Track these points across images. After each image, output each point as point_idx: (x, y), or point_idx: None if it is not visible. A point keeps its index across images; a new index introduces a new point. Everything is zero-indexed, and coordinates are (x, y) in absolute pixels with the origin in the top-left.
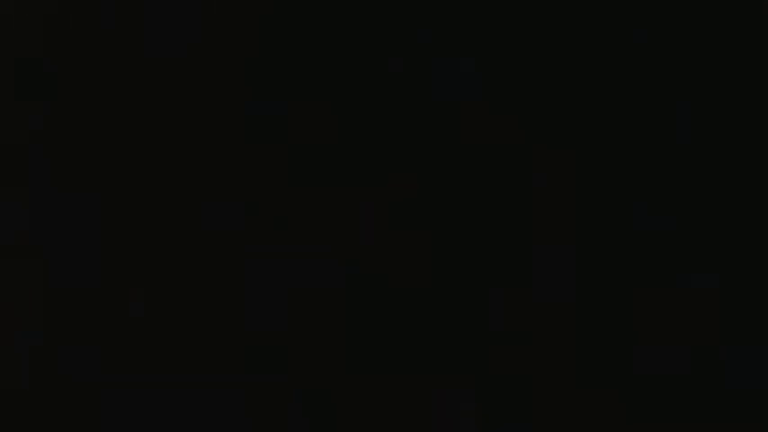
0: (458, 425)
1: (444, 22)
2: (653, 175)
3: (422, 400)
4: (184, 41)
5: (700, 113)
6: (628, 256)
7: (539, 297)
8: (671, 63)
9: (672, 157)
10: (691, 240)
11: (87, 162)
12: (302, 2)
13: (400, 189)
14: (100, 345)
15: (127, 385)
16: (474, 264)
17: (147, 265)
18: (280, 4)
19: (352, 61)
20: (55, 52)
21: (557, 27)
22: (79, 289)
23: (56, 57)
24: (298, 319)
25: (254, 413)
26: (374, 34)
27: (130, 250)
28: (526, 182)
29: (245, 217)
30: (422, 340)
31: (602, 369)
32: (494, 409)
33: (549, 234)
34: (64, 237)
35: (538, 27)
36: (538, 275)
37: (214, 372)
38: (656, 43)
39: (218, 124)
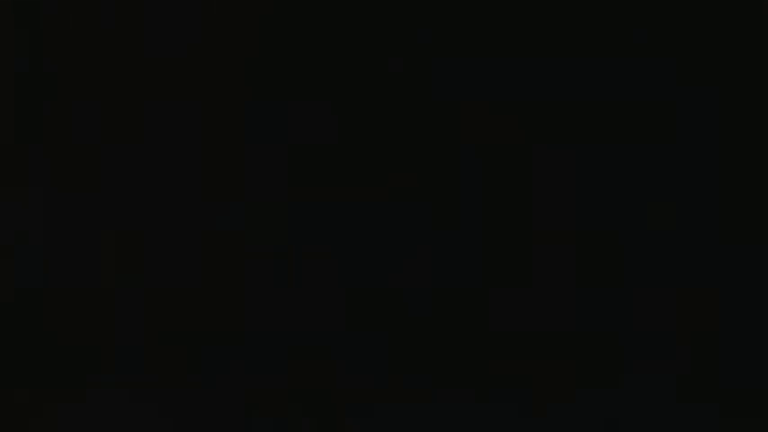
0: (458, 424)
1: (444, 23)
2: (653, 174)
3: (422, 401)
4: (184, 41)
5: (700, 113)
6: (628, 255)
7: (539, 296)
8: (671, 63)
9: (672, 156)
10: (691, 238)
11: (87, 161)
12: (302, 2)
13: (400, 188)
14: (99, 345)
15: (124, 385)
16: (474, 262)
17: (146, 264)
18: (280, 4)
19: (352, 61)
20: (55, 52)
21: (557, 27)
22: (79, 289)
23: (56, 57)
24: (298, 318)
25: (255, 413)
26: (374, 34)
27: (129, 249)
28: (526, 181)
29: (245, 216)
30: (421, 339)
31: (600, 368)
32: (494, 409)
33: (549, 233)
34: (63, 235)
35: (538, 27)
36: (538, 274)
37: (214, 372)
38: (656, 43)
39: (219, 124)
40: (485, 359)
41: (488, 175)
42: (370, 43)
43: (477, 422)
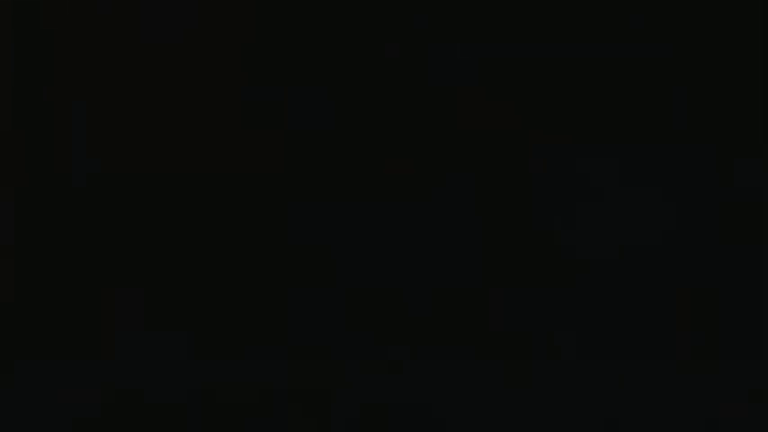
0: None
1: (440, 8)
2: (649, 161)
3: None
4: (181, 27)
5: (696, 99)
6: (623, 242)
7: (538, 293)
8: (667, 48)
9: (668, 142)
10: (688, 226)
11: (84, 146)
12: None
13: (396, 174)
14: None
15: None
16: (471, 249)
17: (145, 260)
18: None
19: (348, 47)
20: (52, 41)
21: (553, 13)
22: (78, 288)
23: (53, 45)
24: (296, 312)
25: (255, 413)
26: (370, 20)
27: (124, 238)
28: (522, 166)
29: (242, 201)
30: (421, 339)
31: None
32: (493, 409)
33: (546, 219)
34: (65, 234)
35: (534, 13)
36: (535, 263)
37: (215, 372)
38: (652, 28)
39: (215, 110)
40: (484, 359)
41: (485, 160)
42: (366, 29)
43: (477, 422)
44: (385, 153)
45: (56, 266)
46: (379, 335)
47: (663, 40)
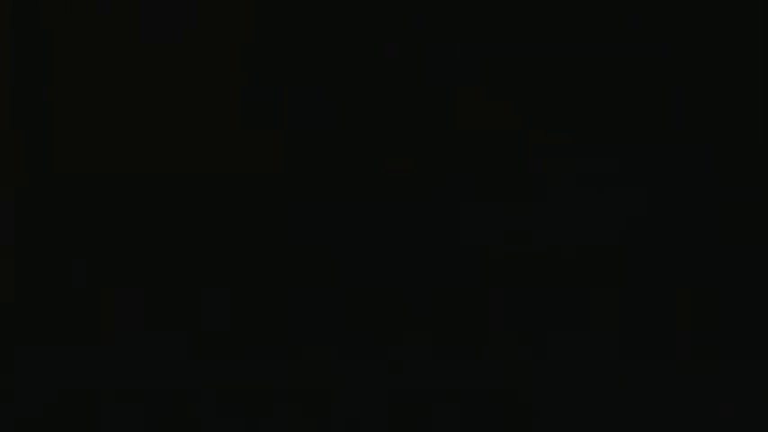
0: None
1: (440, 8)
2: (649, 161)
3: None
4: (181, 27)
5: (696, 99)
6: (628, 253)
7: (538, 294)
8: (667, 48)
9: (668, 142)
10: (687, 224)
11: (84, 144)
12: None
13: (396, 174)
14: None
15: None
16: (471, 249)
17: (141, 251)
18: None
19: (348, 47)
20: (52, 41)
21: (553, 13)
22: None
23: (53, 45)
24: (296, 312)
25: (255, 413)
26: (370, 20)
27: (124, 238)
28: (522, 166)
29: (241, 200)
30: (421, 339)
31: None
32: (494, 408)
33: (547, 217)
34: (57, 228)
35: (534, 13)
36: (535, 263)
37: (214, 372)
38: (652, 28)
39: (215, 110)
40: (484, 359)
41: (485, 160)
42: (366, 29)
43: (477, 422)
44: (385, 153)
45: (56, 266)
46: (379, 335)
47: (663, 40)
